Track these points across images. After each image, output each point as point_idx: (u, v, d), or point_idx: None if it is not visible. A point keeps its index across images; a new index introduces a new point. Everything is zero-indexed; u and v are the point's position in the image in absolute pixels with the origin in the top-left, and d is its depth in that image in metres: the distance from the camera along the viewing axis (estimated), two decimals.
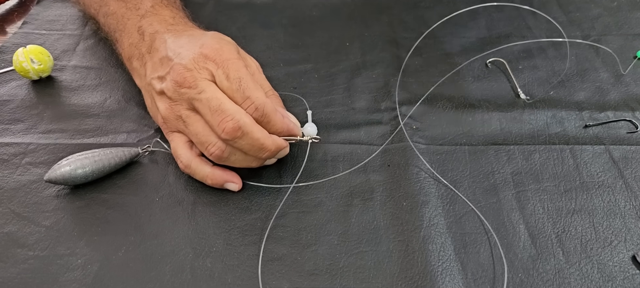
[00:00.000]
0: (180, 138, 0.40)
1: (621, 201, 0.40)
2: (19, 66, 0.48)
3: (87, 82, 0.51)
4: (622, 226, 0.38)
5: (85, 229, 0.38)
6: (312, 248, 0.37)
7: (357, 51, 0.55)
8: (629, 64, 0.52)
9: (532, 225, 0.38)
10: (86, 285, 0.34)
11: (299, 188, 0.41)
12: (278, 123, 0.38)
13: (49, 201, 0.39)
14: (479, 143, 0.44)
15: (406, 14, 0.60)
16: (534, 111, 0.47)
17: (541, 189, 0.41)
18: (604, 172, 0.42)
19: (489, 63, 0.53)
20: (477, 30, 0.58)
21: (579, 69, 0.52)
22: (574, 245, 0.37)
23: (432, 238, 0.37)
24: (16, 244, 0.37)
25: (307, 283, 0.35)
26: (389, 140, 0.44)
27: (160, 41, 0.40)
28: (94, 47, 0.55)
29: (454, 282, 0.35)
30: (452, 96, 0.49)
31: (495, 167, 0.42)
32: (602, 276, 0.35)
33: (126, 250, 0.36)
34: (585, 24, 0.59)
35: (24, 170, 0.42)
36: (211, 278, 0.35)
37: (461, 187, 0.41)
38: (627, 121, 0.46)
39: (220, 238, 0.37)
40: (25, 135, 0.45)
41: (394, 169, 0.42)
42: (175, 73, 0.37)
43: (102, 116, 0.47)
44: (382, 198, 0.40)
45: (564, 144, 0.44)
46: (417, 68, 0.52)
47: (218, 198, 0.40)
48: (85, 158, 0.39)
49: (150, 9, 0.44)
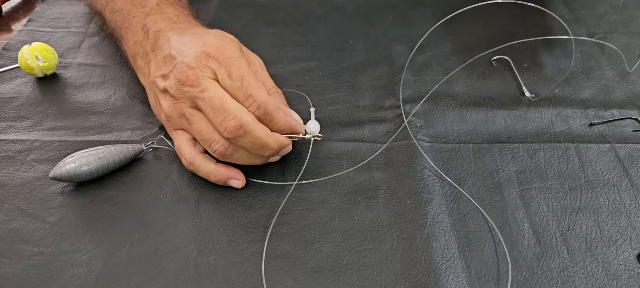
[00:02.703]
0: (184, 135, 0.40)
1: (626, 199, 0.39)
2: (24, 63, 0.49)
3: (92, 79, 0.51)
4: (627, 224, 0.38)
5: (90, 226, 0.38)
6: (316, 246, 0.37)
7: (361, 49, 0.55)
8: (635, 62, 0.52)
9: (537, 223, 0.38)
10: (90, 281, 0.35)
11: (302, 186, 0.41)
12: (280, 121, 0.38)
13: (54, 198, 0.40)
14: (483, 141, 0.44)
15: (410, 11, 0.60)
16: (539, 109, 0.47)
17: (546, 187, 0.40)
18: (609, 170, 0.42)
19: (493, 61, 0.53)
20: (482, 28, 0.57)
21: (585, 67, 0.52)
22: (578, 243, 0.37)
23: (435, 236, 0.37)
24: (21, 240, 0.37)
25: (310, 280, 0.35)
26: (393, 138, 0.44)
27: (164, 39, 0.40)
28: (99, 45, 0.55)
29: (457, 280, 0.34)
30: (457, 93, 0.49)
31: (499, 165, 0.42)
32: (606, 274, 0.35)
33: (130, 246, 0.37)
34: (591, 21, 0.58)
35: (29, 167, 0.42)
36: (215, 275, 0.35)
37: (465, 185, 0.41)
38: (633, 119, 0.46)
39: (224, 235, 0.37)
40: (30, 132, 0.45)
41: (397, 167, 0.42)
42: (178, 71, 0.37)
43: (107, 113, 0.47)
44: (386, 196, 0.40)
45: (569, 142, 0.44)
46: (422, 66, 0.52)
47: (221, 195, 0.40)
48: (90, 155, 0.39)
49: (155, 7, 0.45)
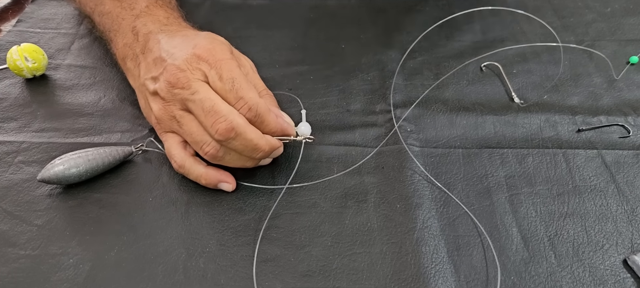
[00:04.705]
0: (174, 138, 0.40)
1: (613, 205, 0.40)
2: (13, 64, 0.48)
3: (82, 81, 0.50)
4: (613, 230, 0.38)
5: (78, 228, 0.37)
6: (306, 250, 0.37)
7: (352, 53, 0.55)
8: (622, 69, 0.52)
9: (525, 228, 0.38)
10: (78, 284, 0.34)
11: (293, 189, 0.41)
12: (272, 123, 0.38)
13: (42, 200, 0.39)
14: (472, 146, 0.45)
15: (402, 17, 0.60)
16: (528, 115, 0.48)
17: (534, 192, 0.41)
18: (596, 176, 0.42)
19: (483, 67, 0.53)
20: (472, 34, 0.58)
21: (573, 74, 0.52)
22: (566, 248, 0.37)
23: (425, 241, 0.37)
24: (7, 243, 0.36)
25: (300, 284, 0.35)
26: (384, 142, 0.45)
27: (154, 41, 0.40)
28: (89, 46, 0.55)
29: (446, 285, 0.35)
30: (447, 99, 0.49)
31: (488, 170, 0.42)
32: (593, 279, 0.35)
33: (118, 249, 0.36)
34: (579, 29, 0.59)
35: (16, 169, 0.41)
36: (204, 278, 0.35)
37: (455, 190, 0.41)
38: (620, 125, 0.47)
39: (214, 239, 0.37)
40: (18, 134, 0.45)
41: (388, 172, 0.42)
42: (169, 74, 0.37)
43: (96, 115, 0.47)
44: (376, 200, 0.40)
45: (557, 148, 0.44)
46: (412, 71, 0.53)
47: (212, 198, 0.40)
48: (79, 157, 0.39)
49: (144, 9, 0.44)
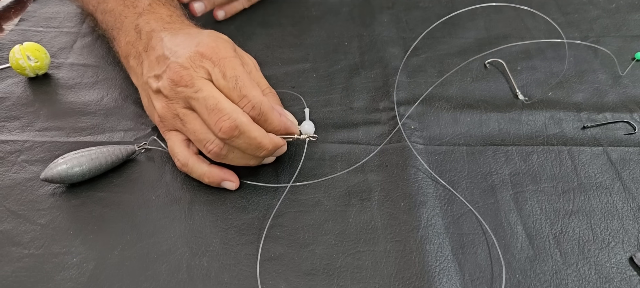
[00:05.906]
0: (178, 137, 0.40)
1: (619, 202, 0.40)
2: (16, 63, 0.48)
3: (84, 80, 0.50)
4: (619, 227, 0.38)
5: (81, 227, 0.37)
6: (310, 248, 0.37)
7: (355, 51, 0.55)
8: (627, 65, 0.52)
9: (530, 226, 0.38)
10: (81, 283, 0.34)
11: (296, 188, 0.40)
12: (275, 121, 0.38)
13: (45, 200, 0.39)
14: (477, 144, 0.44)
15: (405, 14, 0.60)
16: (532, 112, 0.47)
17: (539, 190, 0.41)
18: (601, 173, 0.42)
19: (487, 64, 0.53)
20: (476, 30, 0.58)
21: (577, 71, 0.52)
22: (571, 246, 0.37)
23: (429, 239, 0.37)
24: (11, 242, 0.36)
25: (304, 283, 0.35)
26: (387, 140, 0.44)
27: (157, 39, 0.40)
28: (92, 45, 0.55)
29: (451, 283, 0.34)
30: (451, 96, 0.49)
31: (493, 168, 0.42)
32: (599, 277, 0.35)
33: (122, 248, 0.36)
34: (584, 25, 0.59)
35: (19, 168, 0.41)
36: (208, 277, 0.35)
37: (459, 187, 0.41)
38: (625, 122, 0.46)
39: (217, 238, 0.37)
40: (21, 133, 0.45)
41: (391, 169, 0.42)
42: (172, 72, 0.37)
43: (99, 114, 0.47)
44: (380, 198, 0.40)
45: (562, 145, 0.44)
46: (416, 68, 0.52)
47: (215, 197, 0.40)
48: (82, 156, 0.39)
49: (147, 7, 0.44)
